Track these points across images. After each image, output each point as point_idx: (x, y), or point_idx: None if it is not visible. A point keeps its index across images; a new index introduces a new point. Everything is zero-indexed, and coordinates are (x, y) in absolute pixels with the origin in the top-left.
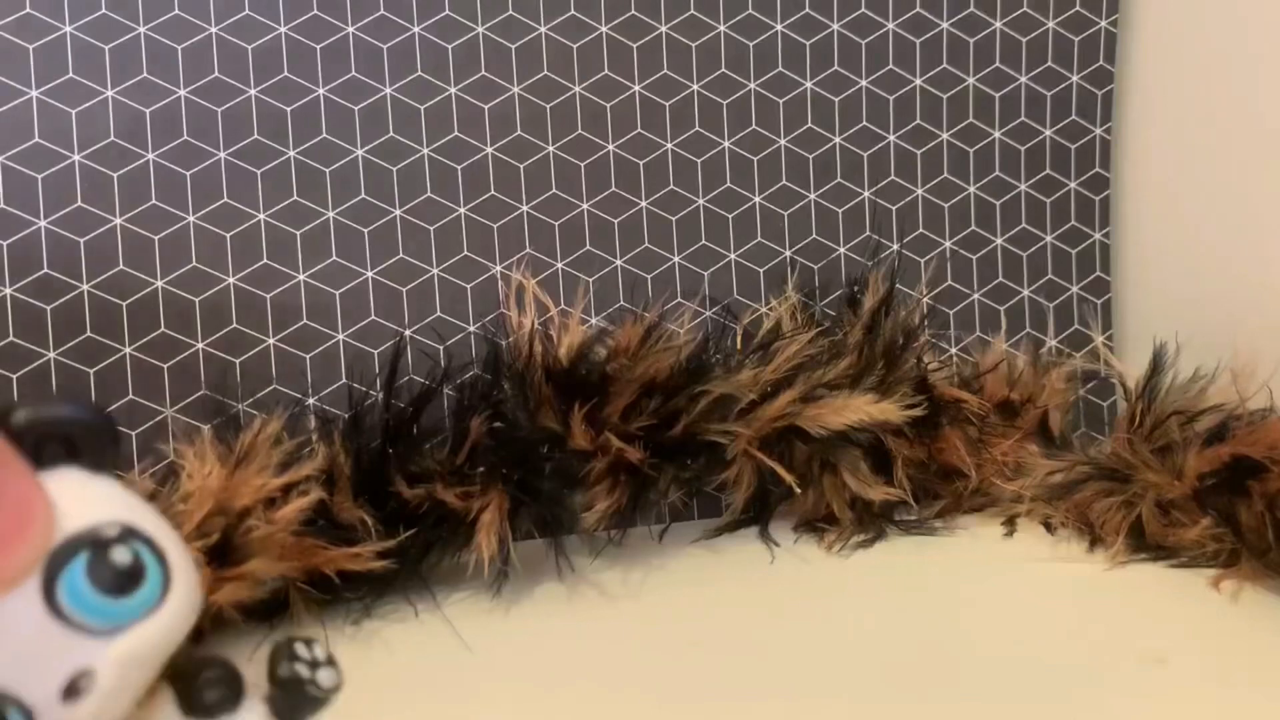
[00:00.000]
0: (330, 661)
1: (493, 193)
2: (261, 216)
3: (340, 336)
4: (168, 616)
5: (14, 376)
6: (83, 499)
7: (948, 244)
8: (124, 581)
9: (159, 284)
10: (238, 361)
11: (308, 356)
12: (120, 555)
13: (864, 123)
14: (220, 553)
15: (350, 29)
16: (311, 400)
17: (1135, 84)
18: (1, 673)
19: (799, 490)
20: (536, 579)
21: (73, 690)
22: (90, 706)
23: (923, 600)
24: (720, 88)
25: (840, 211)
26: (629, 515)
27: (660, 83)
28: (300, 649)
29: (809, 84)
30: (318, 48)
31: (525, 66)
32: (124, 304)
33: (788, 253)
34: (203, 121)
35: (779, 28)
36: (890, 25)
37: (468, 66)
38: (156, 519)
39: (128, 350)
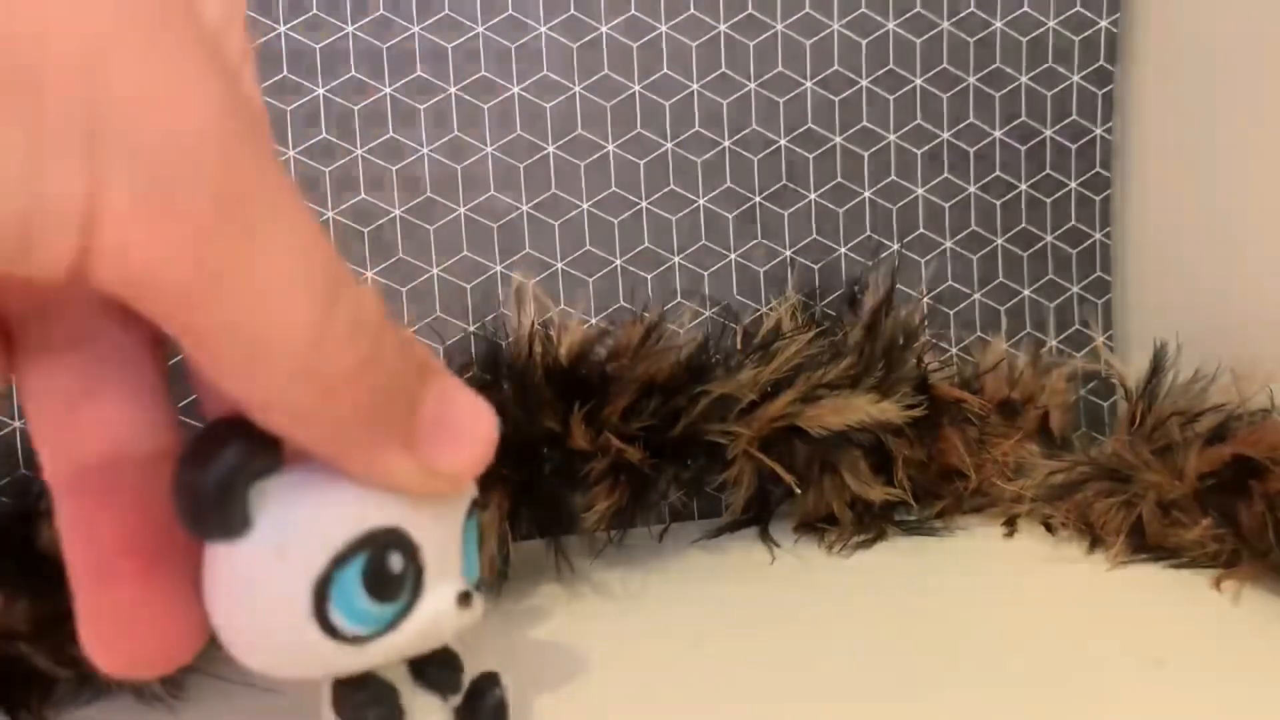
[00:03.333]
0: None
1: (493, 193)
2: None
3: None
4: None
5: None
6: None
7: (948, 244)
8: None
9: None
10: None
11: None
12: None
13: (864, 122)
14: None
15: (350, 29)
16: None
17: (1136, 84)
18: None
19: (799, 490)
20: (536, 579)
21: (464, 597)
22: (465, 619)
23: (923, 601)
24: (720, 87)
25: (840, 211)
26: (629, 515)
27: (660, 83)
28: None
29: (809, 84)
30: (318, 48)
31: (526, 66)
32: None
33: (788, 253)
34: None
35: (779, 27)
36: (890, 25)
37: (468, 66)
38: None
39: None
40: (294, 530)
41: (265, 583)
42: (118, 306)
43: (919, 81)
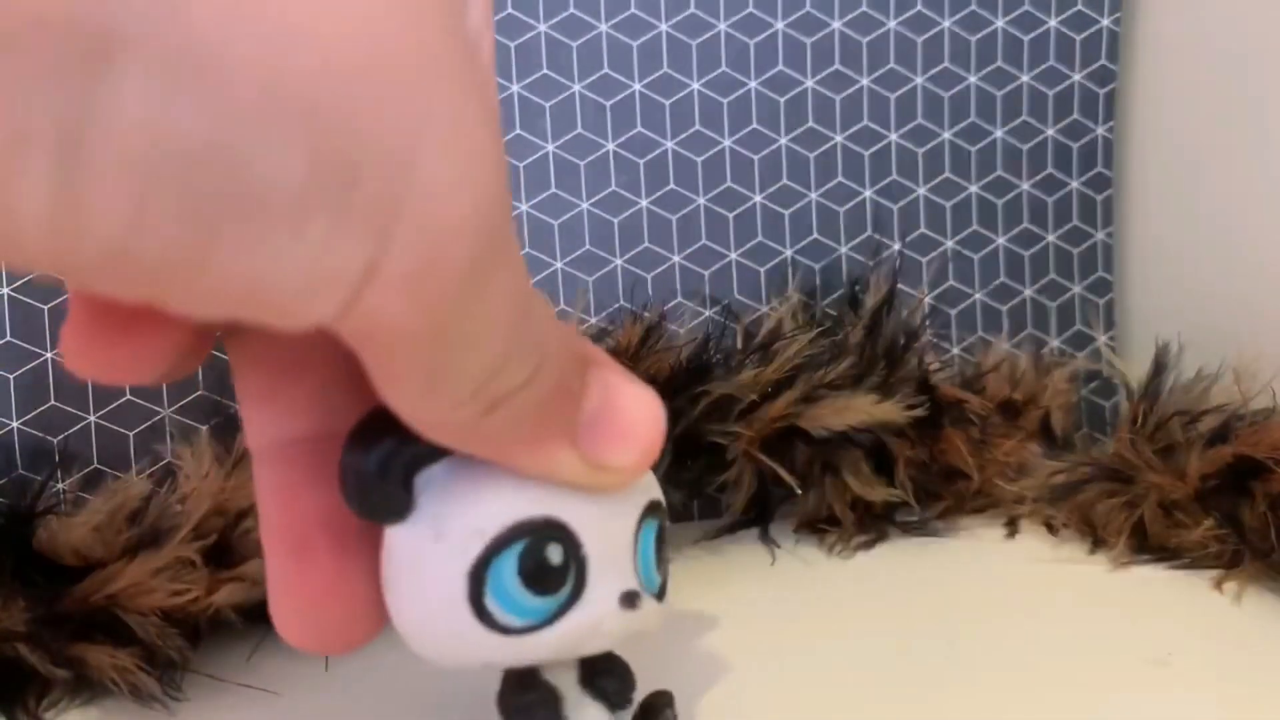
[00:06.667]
0: None
1: None
2: None
3: None
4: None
5: (11, 377)
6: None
7: (949, 243)
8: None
9: None
10: None
11: None
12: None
13: (865, 122)
14: (218, 554)
15: None
16: None
17: (1138, 83)
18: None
19: (800, 491)
20: None
21: (629, 598)
22: (631, 623)
23: (924, 601)
24: (720, 86)
25: (841, 211)
26: None
27: (660, 82)
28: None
29: (810, 83)
30: None
31: (525, 65)
32: None
33: (788, 252)
34: None
35: (780, 26)
36: (891, 24)
37: None
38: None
39: None
40: (451, 514)
41: (424, 565)
42: None
43: (920, 80)
